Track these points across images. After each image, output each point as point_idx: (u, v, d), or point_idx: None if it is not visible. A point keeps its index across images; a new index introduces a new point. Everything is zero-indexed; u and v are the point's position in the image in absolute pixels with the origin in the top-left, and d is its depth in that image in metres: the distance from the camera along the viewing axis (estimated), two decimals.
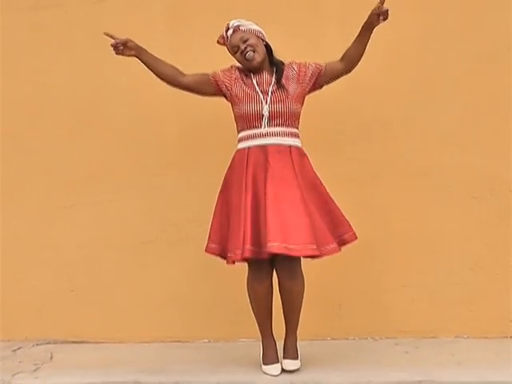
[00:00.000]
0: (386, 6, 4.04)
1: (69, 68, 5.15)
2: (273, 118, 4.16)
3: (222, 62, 4.38)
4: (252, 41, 4.18)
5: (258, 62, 4.20)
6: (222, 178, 4.27)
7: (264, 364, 4.25)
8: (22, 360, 4.75)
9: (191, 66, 4.85)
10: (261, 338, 4.31)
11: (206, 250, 4.27)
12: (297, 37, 4.85)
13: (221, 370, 4.31)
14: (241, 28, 4.21)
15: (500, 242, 4.72)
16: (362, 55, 4.23)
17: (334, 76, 4.30)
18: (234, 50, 4.22)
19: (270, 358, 4.24)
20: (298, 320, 4.28)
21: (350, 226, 4.24)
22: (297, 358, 4.27)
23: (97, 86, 5.12)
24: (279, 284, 4.19)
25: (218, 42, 4.32)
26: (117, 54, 4.25)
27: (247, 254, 3.97)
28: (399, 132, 4.83)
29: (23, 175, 5.20)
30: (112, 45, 4.20)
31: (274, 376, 4.18)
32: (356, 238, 4.26)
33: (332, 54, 4.26)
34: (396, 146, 4.83)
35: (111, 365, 4.54)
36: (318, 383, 4.07)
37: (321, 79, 4.29)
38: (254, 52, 4.18)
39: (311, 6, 4.92)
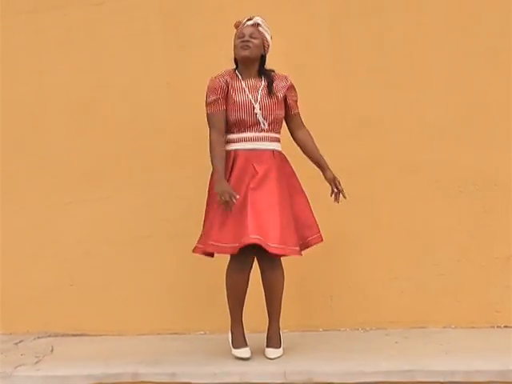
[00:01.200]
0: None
1: (67, 70, 5.19)
2: (260, 125, 4.31)
3: (214, 61, 4.52)
4: (256, 42, 4.33)
5: (246, 56, 4.33)
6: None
7: (234, 348, 4.40)
8: (23, 353, 4.82)
9: (185, 66, 4.94)
10: (230, 324, 4.46)
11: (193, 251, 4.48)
12: (288, 37, 4.88)
13: (216, 361, 4.36)
14: (259, 27, 4.36)
15: (485, 234, 4.76)
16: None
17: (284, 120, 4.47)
18: (239, 36, 4.35)
19: (240, 342, 4.41)
20: (280, 309, 4.44)
21: (318, 229, 4.46)
22: (279, 346, 4.43)
23: (94, 86, 5.17)
24: (262, 275, 4.38)
25: (235, 25, 4.42)
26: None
27: (210, 249, 4.30)
28: (387, 129, 4.86)
29: (23, 173, 5.26)
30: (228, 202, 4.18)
31: (246, 359, 4.34)
32: (321, 239, 4.46)
33: (323, 53, 4.26)
34: (384, 143, 4.87)
35: (110, 357, 4.59)
36: (311, 373, 4.12)
37: (287, 110, 4.44)
38: (249, 48, 4.31)
39: (301, 6, 4.96)
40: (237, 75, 4.38)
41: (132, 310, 5.14)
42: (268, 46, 4.42)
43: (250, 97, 4.32)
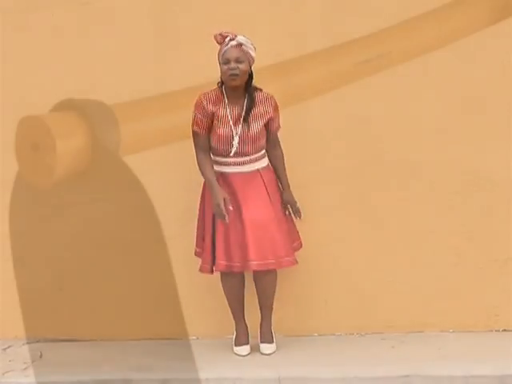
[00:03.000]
0: None
1: (55, 70, 5.10)
2: (242, 154, 4.47)
3: (206, 62, 4.47)
4: (243, 66, 4.33)
5: (237, 85, 4.37)
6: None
7: (235, 346, 4.59)
8: (12, 359, 4.76)
9: (176, 67, 4.90)
10: (234, 323, 4.63)
11: (195, 254, 4.66)
12: (279, 36, 4.82)
13: (209, 367, 4.34)
14: (242, 47, 4.33)
15: (483, 236, 4.75)
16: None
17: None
18: (224, 62, 4.33)
19: (240, 340, 4.58)
20: (272, 306, 4.58)
21: (298, 235, 4.68)
22: (272, 341, 4.59)
23: (83, 87, 5.08)
24: (255, 276, 4.51)
25: (215, 38, 4.38)
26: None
27: (220, 268, 4.43)
28: (383, 128, 4.82)
29: (12, 175, 5.18)
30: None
31: (243, 356, 4.51)
32: (302, 245, 4.68)
33: (315, 52, 4.24)
34: (380, 142, 4.83)
35: (100, 362, 4.56)
36: (306, 379, 4.13)
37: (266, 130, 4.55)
38: (238, 77, 4.33)
39: (293, 4, 4.90)
40: (223, 98, 4.43)
41: (123, 314, 5.07)
42: (253, 61, 4.41)
43: (233, 129, 4.42)
